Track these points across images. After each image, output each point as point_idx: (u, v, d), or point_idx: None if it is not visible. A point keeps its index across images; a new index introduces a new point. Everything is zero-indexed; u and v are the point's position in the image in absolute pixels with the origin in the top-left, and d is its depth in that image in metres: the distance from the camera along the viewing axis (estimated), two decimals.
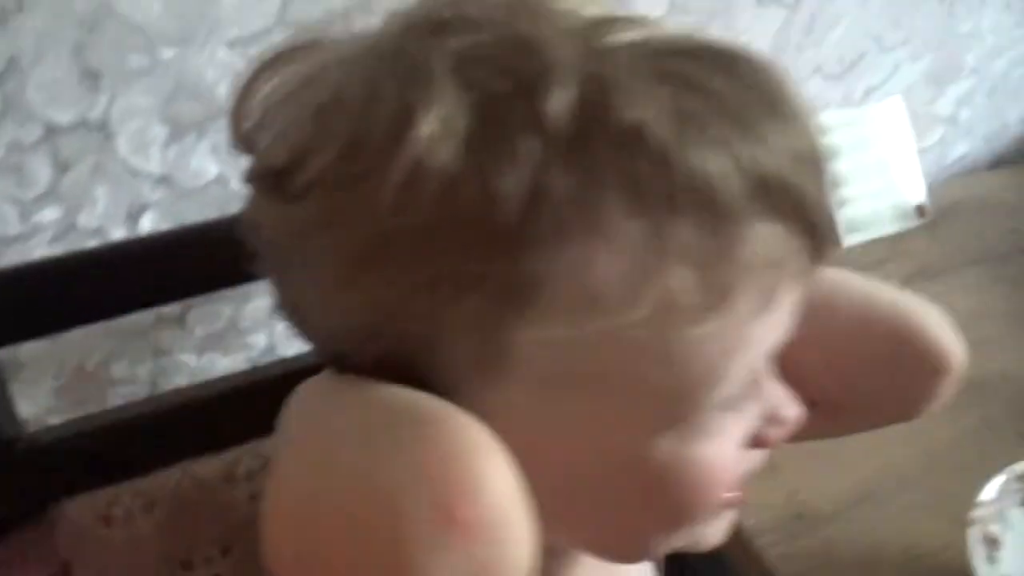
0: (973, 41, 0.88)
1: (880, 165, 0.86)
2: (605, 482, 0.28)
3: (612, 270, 0.24)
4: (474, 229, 0.23)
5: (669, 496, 0.29)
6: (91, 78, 0.54)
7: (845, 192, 0.81)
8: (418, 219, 0.23)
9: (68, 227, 0.59)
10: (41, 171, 0.56)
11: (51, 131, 0.55)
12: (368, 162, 0.24)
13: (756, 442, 0.31)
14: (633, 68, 0.24)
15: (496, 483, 0.23)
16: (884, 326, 0.37)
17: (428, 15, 0.26)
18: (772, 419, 0.31)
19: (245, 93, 0.29)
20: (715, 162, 0.23)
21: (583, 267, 0.24)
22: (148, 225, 0.60)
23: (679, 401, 0.27)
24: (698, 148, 0.23)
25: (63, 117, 0.55)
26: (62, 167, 0.56)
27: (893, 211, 0.87)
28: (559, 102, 0.23)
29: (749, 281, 0.25)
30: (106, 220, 0.60)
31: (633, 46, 0.25)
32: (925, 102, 0.90)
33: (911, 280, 0.78)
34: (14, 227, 0.57)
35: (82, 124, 0.56)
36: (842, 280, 0.37)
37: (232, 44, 0.56)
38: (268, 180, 0.27)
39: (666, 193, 0.23)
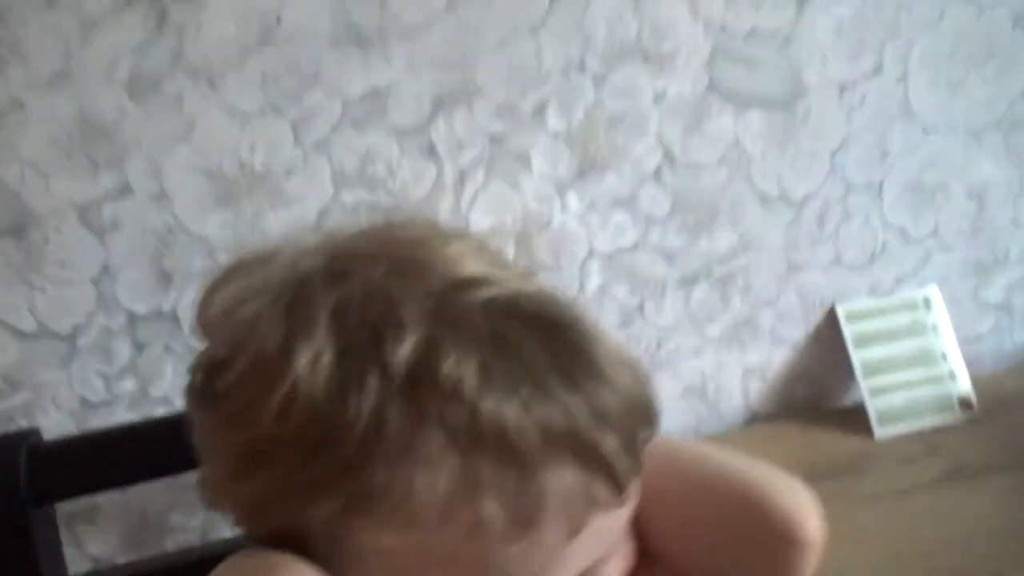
0: (1015, 230, 0.87)
1: (916, 355, 0.85)
2: None
3: (433, 493, 0.29)
4: (329, 446, 0.29)
5: None
6: (165, 278, 0.68)
7: (876, 383, 0.81)
8: (290, 432, 0.30)
9: (142, 396, 0.72)
10: (123, 351, 0.70)
11: (132, 319, 0.69)
12: (262, 381, 0.31)
13: None
14: (466, 328, 0.30)
15: None
16: (734, 497, 0.37)
17: (329, 265, 0.34)
18: None
19: (206, 297, 0.35)
20: (513, 415, 0.29)
21: (409, 488, 0.28)
22: None
23: None
24: (500, 403, 0.29)
25: (142, 308, 0.69)
26: (139, 347, 0.70)
27: (934, 403, 0.83)
28: (399, 354, 0.29)
29: (553, 512, 0.29)
30: (172, 391, 0.72)
31: (477, 307, 0.31)
32: (969, 290, 0.89)
33: (940, 481, 0.75)
34: (100, 395, 0.70)
35: (157, 314, 0.69)
36: (698, 453, 0.40)
37: None
38: (199, 379, 0.34)
39: (473, 436, 0.29)
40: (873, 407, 0.82)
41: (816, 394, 0.87)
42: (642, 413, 0.32)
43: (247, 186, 0.66)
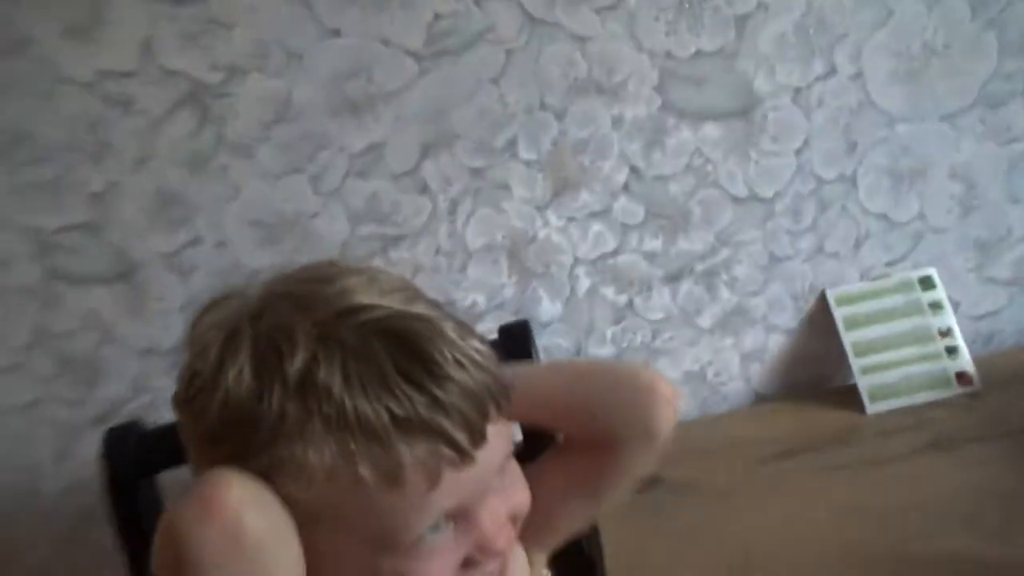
0: (1011, 206, 0.88)
1: (910, 334, 0.88)
2: None
3: (320, 463, 0.43)
4: (252, 432, 0.44)
5: None
6: None
7: (867, 362, 0.86)
8: (228, 423, 0.45)
9: None
10: None
11: None
12: (208, 389, 0.46)
13: (467, 563, 0.47)
14: (339, 346, 0.44)
15: (232, 494, 0.43)
16: (611, 374, 0.57)
17: (256, 305, 0.48)
18: (481, 548, 0.48)
19: (192, 324, 0.50)
20: (368, 408, 0.43)
21: (304, 460, 0.42)
22: None
23: (385, 539, 0.45)
24: (358, 399, 0.43)
25: None
26: None
27: (928, 379, 0.86)
28: (293, 367, 0.44)
29: (411, 472, 0.43)
30: None
31: (350, 329, 0.44)
32: (972, 269, 0.90)
33: (916, 452, 0.78)
34: None
35: None
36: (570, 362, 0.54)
37: None
38: (178, 389, 0.51)
39: (341, 423, 0.43)
40: (864, 385, 0.87)
41: (815, 375, 0.93)
42: (478, 399, 0.44)
43: (284, 230, 0.85)
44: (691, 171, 0.85)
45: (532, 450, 0.59)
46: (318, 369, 0.43)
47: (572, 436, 0.57)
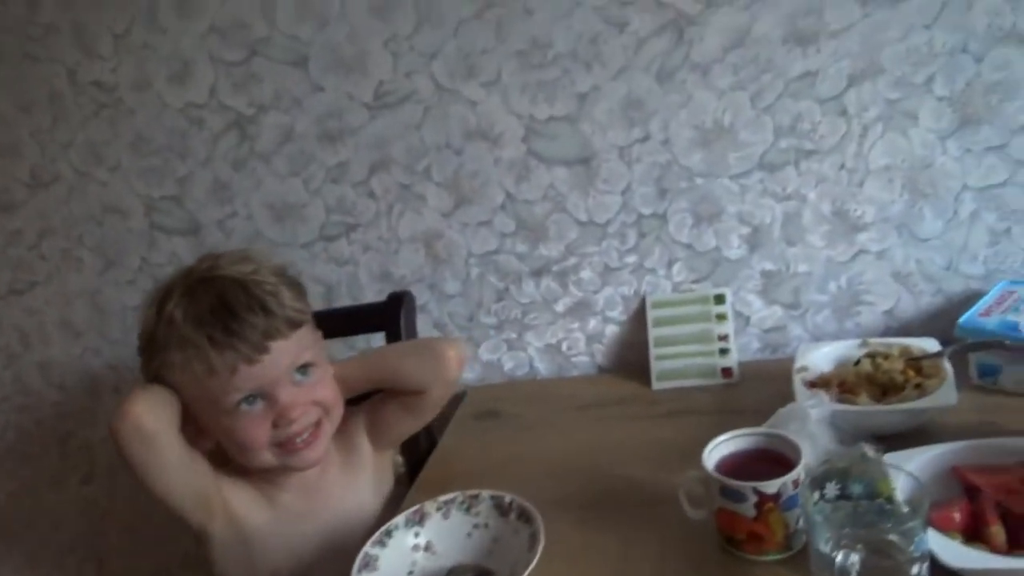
0: (788, 247, 1.15)
1: (697, 335, 1.17)
2: (219, 433, 0.92)
3: (177, 362, 0.87)
4: (151, 346, 0.90)
5: (234, 443, 0.92)
6: None
7: (662, 351, 1.18)
8: (145, 341, 0.91)
9: None
10: None
11: None
12: (142, 326, 0.94)
13: (276, 425, 0.90)
14: (189, 294, 0.89)
15: (133, 410, 0.88)
16: (421, 348, 1.01)
17: (174, 278, 0.94)
18: (280, 415, 0.90)
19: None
20: (191, 332, 0.86)
21: (171, 361, 0.88)
22: None
23: (218, 405, 0.89)
24: (189, 328, 0.86)
25: None
26: None
27: (701, 369, 1.16)
28: (166, 307, 0.90)
29: (219, 367, 0.86)
30: None
31: (199, 283, 0.90)
32: (758, 292, 1.18)
33: (669, 416, 1.08)
34: None
35: None
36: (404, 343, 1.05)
37: None
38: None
39: (183, 341, 0.87)
40: (655, 368, 1.18)
41: (634, 356, 1.24)
42: (261, 329, 0.86)
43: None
44: (547, 199, 1.21)
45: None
46: (175, 309, 0.87)
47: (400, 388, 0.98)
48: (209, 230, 1.35)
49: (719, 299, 1.18)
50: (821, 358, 1.02)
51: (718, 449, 0.81)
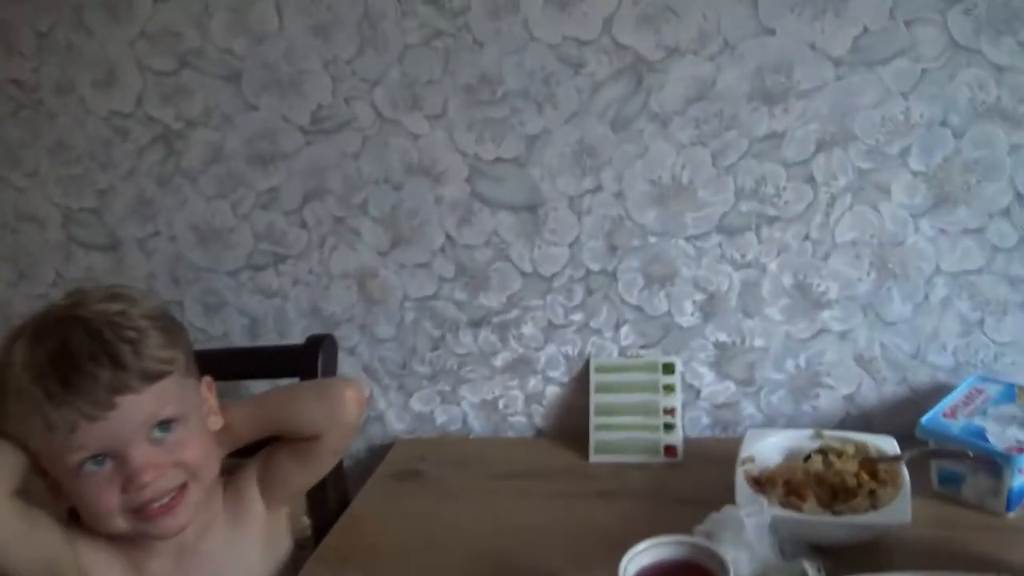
0: (745, 319, 1.06)
1: (642, 406, 1.08)
2: (68, 493, 0.80)
3: (14, 415, 0.76)
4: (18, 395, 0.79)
5: (83, 507, 0.80)
6: None
7: (603, 421, 1.08)
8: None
9: None
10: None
11: None
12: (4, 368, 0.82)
13: (125, 488, 0.78)
14: (34, 341, 0.77)
15: None
16: (315, 390, 0.90)
17: (44, 311, 0.83)
18: (129, 478, 0.79)
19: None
20: (31, 386, 0.74)
21: (9, 413, 0.77)
22: None
23: (59, 465, 0.77)
24: (26, 381, 0.74)
25: None
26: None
27: (643, 445, 1.06)
28: (18, 346, 0.77)
29: (57, 423, 0.75)
30: None
31: (44, 330, 0.77)
32: (711, 364, 1.09)
33: (603, 495, 0.98)
34: None
35: None
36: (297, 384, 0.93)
37: None
38: None
39: (21, 393, 0.75)
40: (594, 438, 1.09)
41: (573, 421, 1.14)
42: (106, 383, 0.74)
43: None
44: (490, 245, 1.11)
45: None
46: (17, 353, 0.76)
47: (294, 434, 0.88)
48: (129, 247, 1.25)
49: (668, 368, 1.09)
50: (770, 448, 0.93)
51: (638, 559, 0.71)
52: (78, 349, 0.74)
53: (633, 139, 1.02)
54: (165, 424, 0.79)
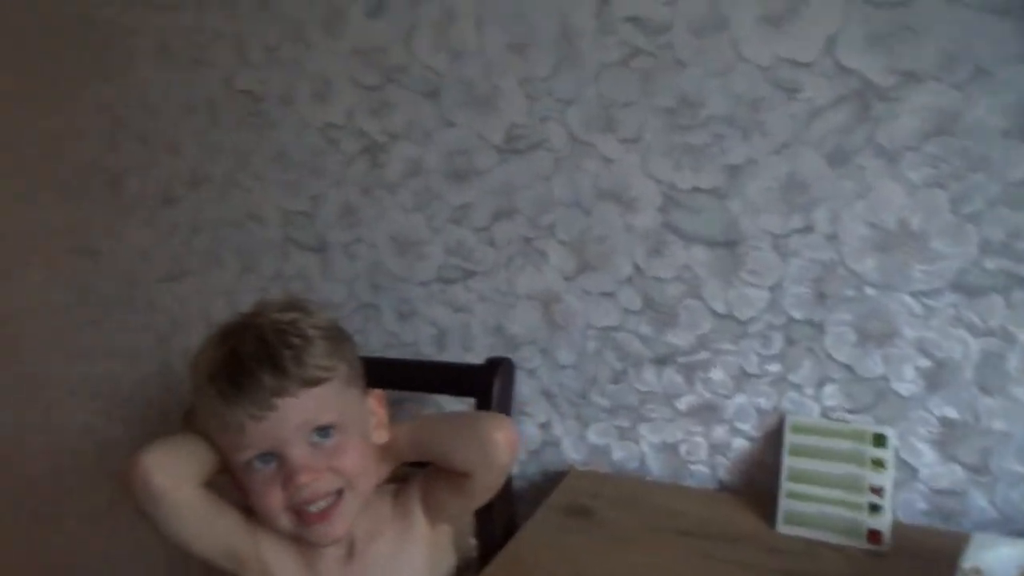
0: (982, 396, 0.88)
1: (844, 479, 0.94)
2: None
3: (200, 412, 0.85)
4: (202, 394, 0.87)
5: (254, 504, 0.86)
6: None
7: (796, 488, 0.97)
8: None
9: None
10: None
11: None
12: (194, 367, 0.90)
13: (284, 487, 0.83)
14: (213, 347, 0.85)
15: (140, 465, 0.84)
16: (466, 426, 0.88)
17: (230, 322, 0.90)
18: (287, 477, 0.83)
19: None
20: (208, 387, 0.81)
21: (197, 411, 0.86)
22: None
23: (233, 460, 0.84)
24: (205, 383, 0.82)
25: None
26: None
27: (842, 524, 0.92)
28: (205, 348, 0.86)
29: (231, 422, 0.81)
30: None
31: (224, 338, 0.85)
32: (933, 442, 0.92)
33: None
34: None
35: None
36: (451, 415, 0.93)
37: None
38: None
39: (201, 393, 0.83)
40: (784, 507, 0.97)
41: (761, 481, 1.03)
42: (269, 387, 0.78)
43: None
44: (681, 281, 1.02)
45: None
46: (202, 355, 0.84)
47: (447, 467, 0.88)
48: (335, 251, 1.31)
49: (879, 440, 0.94)
50: (1003, 562, 0.76)
51: None
52: (246, 353, 0.80)
53: (853, 175, 0.88)
54: (324, 430, 0.82)
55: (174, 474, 0.83)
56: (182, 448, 0.85)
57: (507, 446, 0.85)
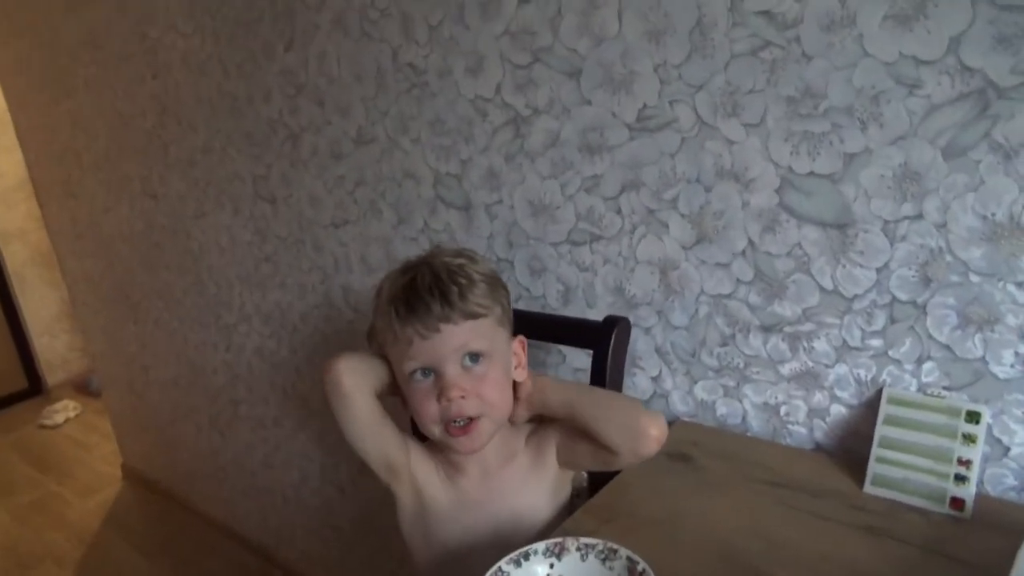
0: None
1: (933, 450, 1.01)
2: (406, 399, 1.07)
3: (379, 328, 1.05)
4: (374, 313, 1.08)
5: (414, 411, 1.06)
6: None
7: (886, 454, 1.06)
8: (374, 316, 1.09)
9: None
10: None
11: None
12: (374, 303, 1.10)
13: (439, 399, 1.02)
14: (396, 277, 1.05)
15: (336, 367, 1.05)
16: (624, 408, 1.03)
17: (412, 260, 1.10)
18: (442, 390, 1.01)
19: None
20: (388, 307, 1.02)
21: (377, 327, 1.06)
22: None
23: (400, 371, 1.04)
24: (386, 304, 1.03)
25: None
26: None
27: (926, 490, 1.00)
28: (390, 278, 1.06)
29: (401, 337, 1.01)
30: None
31: (405, 272, 1.04)
32: None
33: (869, 531, 0.96)
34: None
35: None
36: (615, 394, 1.11)
37: None
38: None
39: (382, 312, 1.04)
40: (873, 469, 1.05)
41: (854, 444, 1.11)
42: (436, 313, 0.98)
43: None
44: (791, 256, 1.11)
45: None
46: (387, 282, 1.03)
47: (594, 437, 1.02)
48: (478, 210, 1.47)
49: (972, 416, 1.00)
50: None
51: None
52: (422, 284, 0.99)
53: (967, 169, 0.93)
54: (475, 356, 1.00)
55: (359, 379, 1.04)
56: (367, 362, 1.05)
57: (657, 442, 0.99)
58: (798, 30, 1.01)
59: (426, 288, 0.98)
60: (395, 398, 1.09)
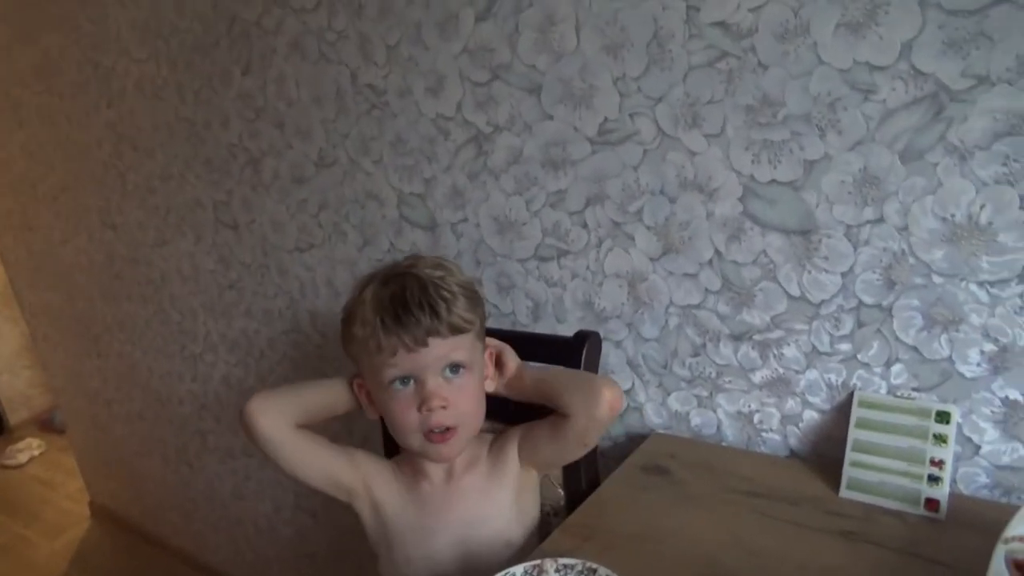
0: None
1: (906, 452, 1.01)
2: (380, 407, 1.05)
3: (357, 337, 1.02)
4: (346, 322, 1.06)
5: (390, 420, 1.03)
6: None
7: (859, 458, 1.06)
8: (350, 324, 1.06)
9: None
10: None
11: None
12: (353, 298, 1.08)
13: (419, 408, 1.00)
14: (379, 287, 1.02)
15: (247, 412, 1.04)
16: (582, 380, 1.05)
17: (390, 265, 1.08)
18: (423, 400, 1.00)
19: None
20: (371, 317, 1.00)
21: (354, 335, 1.03)
22: None
23: (377, 380, 1.02)
24: (370, 314, 1.00)
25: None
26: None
27: (901, 492, 1.00)
28: (370, 287, 1.04)
29: (384, 347, 1.00)
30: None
31: (387, 281, 1.03)
32: (997, 422, 0.98)
33: (846, 535, 0.96)
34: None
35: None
36: (572, 371, 1.09)
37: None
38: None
39: (363, 322, 1.01)
40: (847, 473, 1.05)
41: (827, 450, 1.11)
42: (424, 326, 0.97)
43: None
44: (758, 265, 1.11)
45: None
46: (368, 292, 1.01)
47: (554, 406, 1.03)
48: (443, 230, 1.46)
49: (942, 416, 1.01)
50: None
51: None
52: (411, 298, 0.97)
53: (924, 172, 0.94)
54: (455, 367, 1.00)
55: (274, 418, 1.02)
56: (281, 396, 1.04)
57: (609, 403, 0.99)
58: (753, 40, 1.01)
59: (415, 302, 0.97)
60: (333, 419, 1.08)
